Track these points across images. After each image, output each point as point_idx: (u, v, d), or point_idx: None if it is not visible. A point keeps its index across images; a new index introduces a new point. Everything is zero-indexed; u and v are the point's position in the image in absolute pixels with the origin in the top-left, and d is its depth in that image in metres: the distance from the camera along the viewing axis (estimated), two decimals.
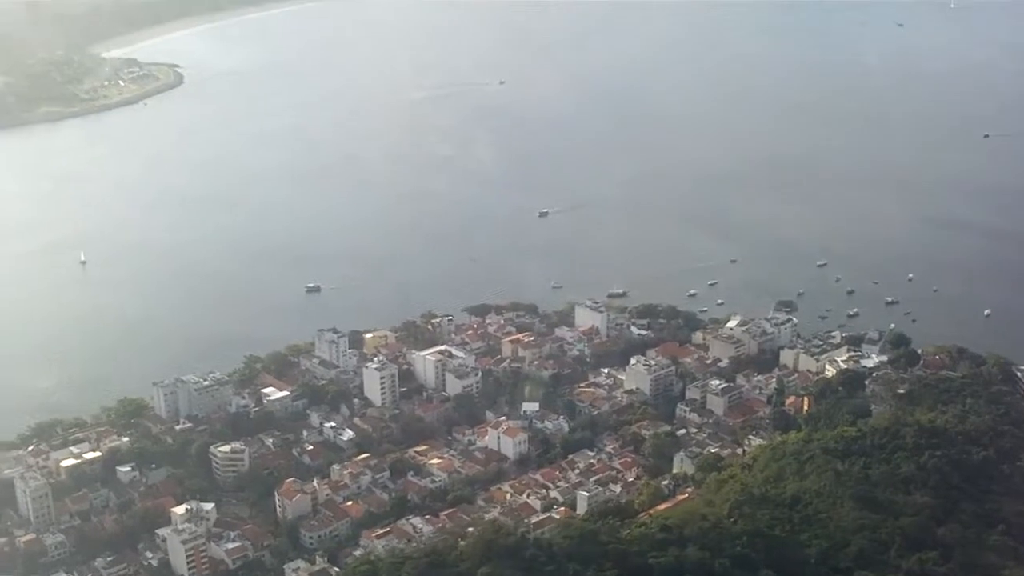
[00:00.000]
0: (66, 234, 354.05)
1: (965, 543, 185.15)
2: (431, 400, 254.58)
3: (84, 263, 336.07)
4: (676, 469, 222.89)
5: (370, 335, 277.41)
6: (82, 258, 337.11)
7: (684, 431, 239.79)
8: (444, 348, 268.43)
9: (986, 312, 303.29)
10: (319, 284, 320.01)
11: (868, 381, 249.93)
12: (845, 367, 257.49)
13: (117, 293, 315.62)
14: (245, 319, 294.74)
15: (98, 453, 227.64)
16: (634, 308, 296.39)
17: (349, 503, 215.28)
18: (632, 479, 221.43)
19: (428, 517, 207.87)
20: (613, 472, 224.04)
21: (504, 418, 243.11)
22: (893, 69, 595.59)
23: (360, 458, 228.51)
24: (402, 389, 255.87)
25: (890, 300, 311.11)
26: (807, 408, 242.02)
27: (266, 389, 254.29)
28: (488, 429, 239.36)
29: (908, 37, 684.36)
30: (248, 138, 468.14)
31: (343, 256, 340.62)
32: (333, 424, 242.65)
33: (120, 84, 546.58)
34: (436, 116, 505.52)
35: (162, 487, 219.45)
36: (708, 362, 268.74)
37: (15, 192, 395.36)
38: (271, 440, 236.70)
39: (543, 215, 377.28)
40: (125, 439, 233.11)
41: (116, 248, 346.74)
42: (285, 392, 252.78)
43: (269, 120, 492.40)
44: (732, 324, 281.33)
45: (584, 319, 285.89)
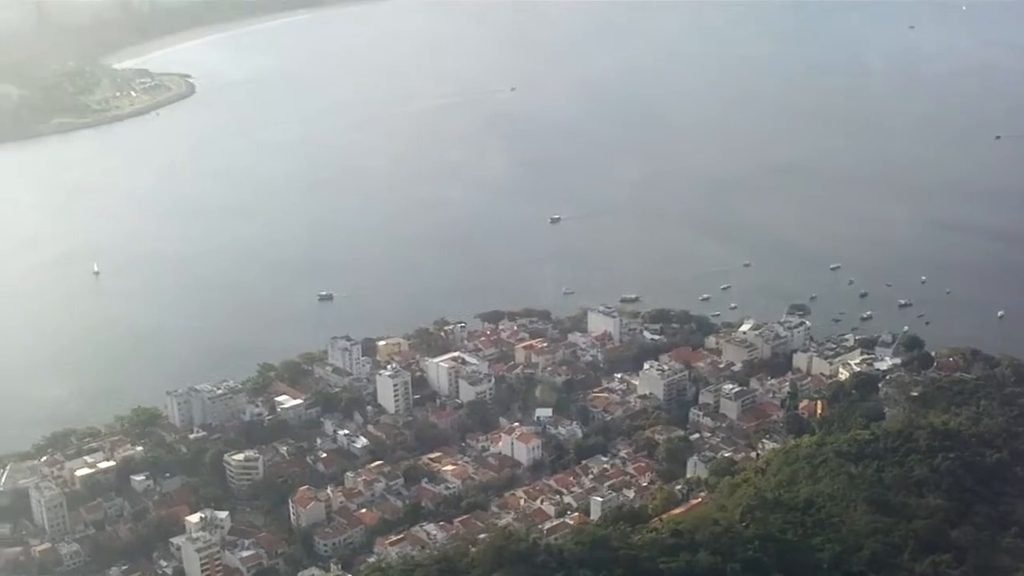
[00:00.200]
0: (79, 245, 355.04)
1: (979, 545, 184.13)
2: (444, 407, 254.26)
3: (97, 273, 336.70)
4: (690, 474, 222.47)
5: (383, 342, 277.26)
6: (95, 268, 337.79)
7: (697, 435, 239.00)
8: (457, 355, 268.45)
9: (999, 314, 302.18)
10: (331, 292, 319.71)
11: (881, 384, 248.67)
12: (858, 370, 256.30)
13: (130, 303, 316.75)
14: (258, 328, 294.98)
15: (112, 462, 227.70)
16: (647, 313, 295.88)
17: (363, 510, 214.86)
18: (646, 484, 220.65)
19: (442, 524, 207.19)
20: (627, 477, 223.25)
21: (517, 424, 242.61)
22: (905, 71, 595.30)
23: (374, 465, 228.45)
24: (415, 396, 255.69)
25: (903, 303, 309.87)
26: (820, 411, 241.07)
27: (280, 397, 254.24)
28: (502, 435, 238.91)
29: (920, 39, 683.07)
30: (260, 147, 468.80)
31: (355, 264, 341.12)
32: (347, 432, 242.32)
33: (132, 95, 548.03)
34: (447, 124, 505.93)
35: (176, 496, 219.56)
36: (721, 366, 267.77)
37: (29, 204, 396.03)
38: (285, 448, 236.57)
39: (555, 221, 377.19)
40: (139, 448, 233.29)
41: (129, 258, 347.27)
42: (299, 400, 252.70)
43: (281, 129, 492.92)
44: (745, 328, 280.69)
45: (597, 324, 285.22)
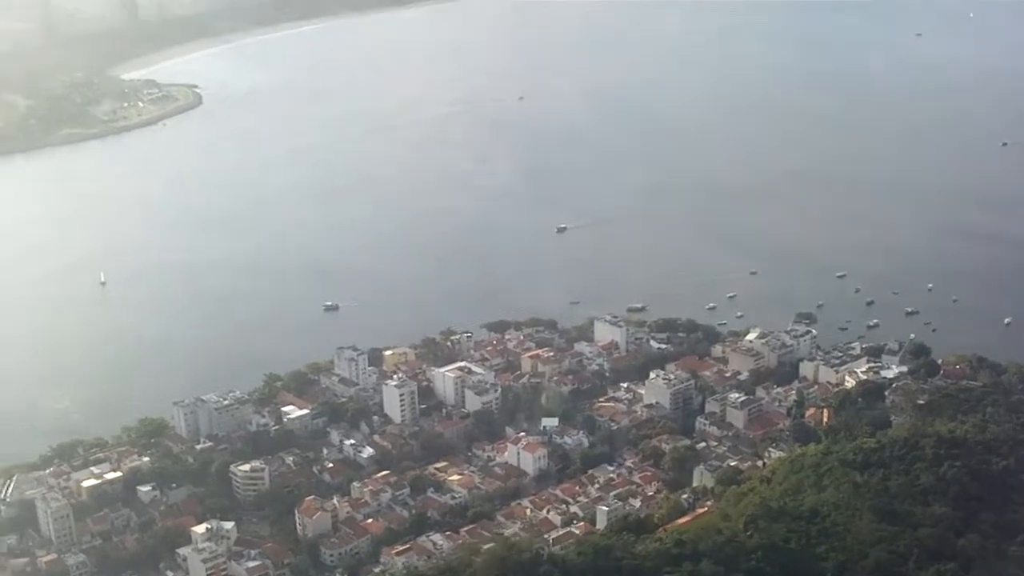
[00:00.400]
0: (86, 255, 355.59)
1: (984, 554, 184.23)
2: (451, 417, 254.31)
3: (104, 284, 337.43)
4: (696, 483, 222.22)
5: (389, 352, 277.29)
6: (102, 279, 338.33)
7: (704, 444, 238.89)
8: (463, 364, 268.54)
9: (1006, 321, 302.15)
10: (337, 303, 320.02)
11: (888, 392, 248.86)
12: (865, 378, 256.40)
13: (137, 313, 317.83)
14: (264, 338, 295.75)
15: (119, 473, 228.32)
16: (653, 322, 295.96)
17: (369, 520, 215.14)
18: (652, 493, 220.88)
19: (448, 533, 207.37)
20: (633, 486, 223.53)
21: (524, 434, 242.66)
22: (911, 78, 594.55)
23: (380, 475, 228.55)
24: (422, 406, 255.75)
25: (910, 310, 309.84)
26: (827, 420, 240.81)
27: (286, 407, 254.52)
28: (508, 445, 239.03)
29: (926, 46, 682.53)
30: (267, 157, 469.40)
31: (361, 274, 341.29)
32: (353, 442, 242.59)
33: (139, 105, 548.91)
34: (454, 133, 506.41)
35: (183, 506, 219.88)
36: (728, 375, 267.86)
37: (36, 214, 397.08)
38: (291, 458, 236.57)
39: (561, 230, 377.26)
40: (146, 459, 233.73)
41: (136, 268, 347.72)
42: (305, 410, 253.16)
43: (288, 139, 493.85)
44: (751, 337, 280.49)
45: (603, 334, 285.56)
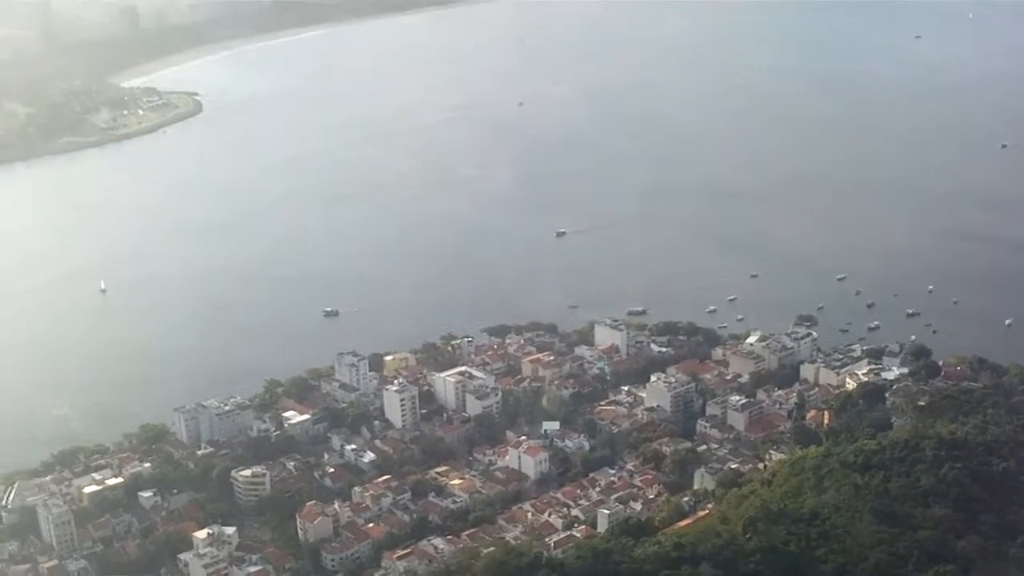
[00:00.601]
0: (86, 263, 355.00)
1: (984, 555, 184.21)
2: (451, 421, 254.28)
3: (104, 291, 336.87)
4: (696, 485, 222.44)
5: (390, 357, 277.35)
6: (102, 286, 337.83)
7: (705, 447, 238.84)
8: (464, 369, 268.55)
9: (1007, 322, 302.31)
10: (337, 308, 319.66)
11: (888, 394, 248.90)
12: (865, 380, 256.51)
13: (137, 320, 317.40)
14: (264, 344, 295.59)
15: (120, 479, 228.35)
16: (654, 326, 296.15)
17: (370, 525, 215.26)
18: (653, 496, 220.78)
19: (449, 538, 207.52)
20: (634, 489, 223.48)
21: (524, 437, 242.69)
22: (911, 80, 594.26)
23: (381, 480, 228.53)
24: (423, 411, 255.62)
25: (910, 312, 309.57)
26: (827, 422, 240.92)
27: (287, 413, 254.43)
28: (508, 449, 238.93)
29: (926, 48, 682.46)
30: (267, 164, 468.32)
31: (362, 279, 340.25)
32: (354, 447, 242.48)
33: (139, 113, 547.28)
34: (454, 138, 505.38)
35: (184, 512, 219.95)
36: (728, 378, 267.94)
37: (36, 222, 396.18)
38: (292, 463, 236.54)
39: (560, 235, 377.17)
40: (147, 465, 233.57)
41: (136, 276, 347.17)
42: (306, 416, 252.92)
43: (288, 146, 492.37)
44: (752, 340, 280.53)
45: (604, 337, 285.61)
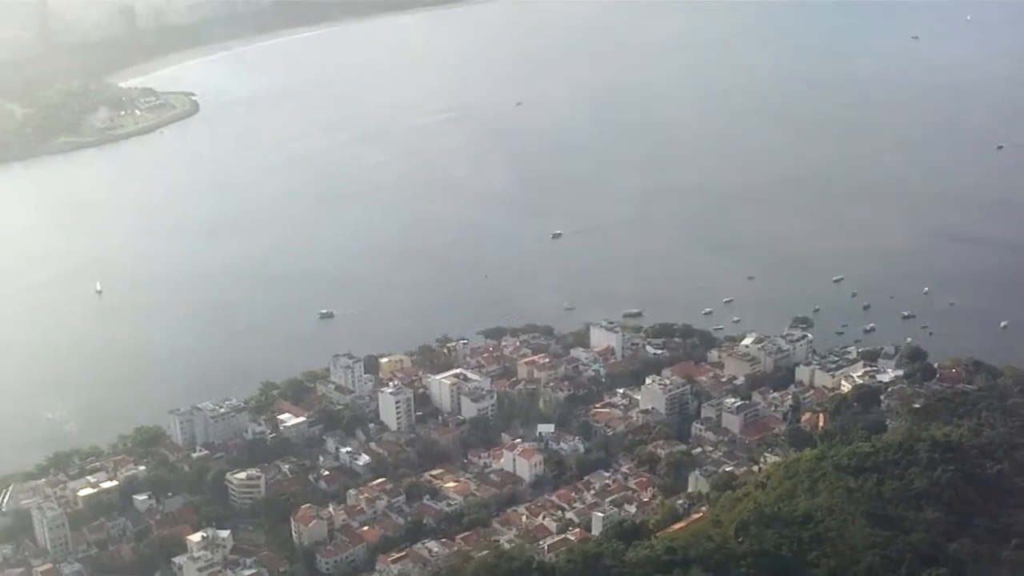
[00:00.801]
0: (82, 263, 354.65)
1: (977, 558, 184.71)
2: (447, 423, 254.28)
3: (100, 292, 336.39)
4: (691, 488, 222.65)
5: (386, 360, 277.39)
6: (98, 287, 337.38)
7: (700, 450, 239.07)
8: (459, 371, 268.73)
9: (1003, 324, 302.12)
10: (332, 310, 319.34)
11: (884, 396, 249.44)
12: (860, 382, 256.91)
13: (133, 322, 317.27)
14: (260, 346, 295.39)
15: (115, 482, 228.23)
16: (649, 328, 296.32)
17: (365, 528, 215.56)
18: (648, 499, 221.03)
19: (444, 541, 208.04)
20: (629, 492, 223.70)
21: (519, 440, 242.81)
22: (908, 82, 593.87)
23: (376, 483, 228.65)
24: (418, 413, 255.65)
25: (906, 314, 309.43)
26: (823, 424, 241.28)
27: (282, 415, 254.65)
28: (503, 451, 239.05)
29: (923, 49, 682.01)
30: (263, 165, 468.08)
31: (357, 281, 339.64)
32: (349, 449, 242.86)
33: (136, 113, 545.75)
34: (451, 139, 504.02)
35: (179, 515, 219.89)
36: (723, 380, 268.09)
37: (32, 223, 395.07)
38: (287, 466, 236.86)
39: (556, 236, 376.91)
40: (142, 468, 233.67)
41: (132, 277, 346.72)
42: (301, 418, 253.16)
43: (284, 147, 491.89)
44: (747, 342, 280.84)
45: (599, 339, 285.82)
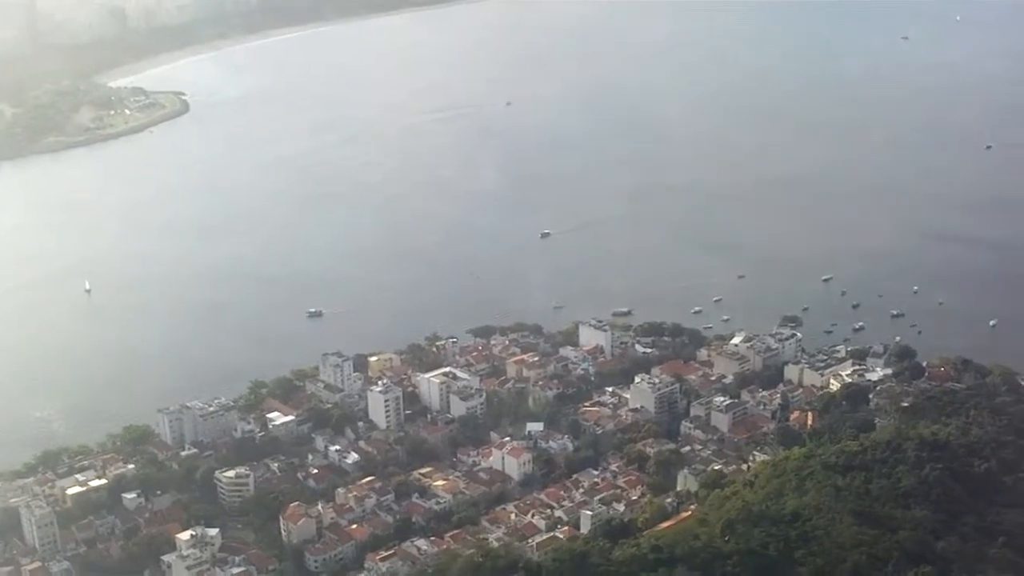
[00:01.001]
0: (71, 263, 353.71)
1: (964, 556, 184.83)
2: (436, 422, 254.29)
3: (89, 291, 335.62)
4: (680, 487, 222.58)
5: (375, 358, 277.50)
6: (87, 287, 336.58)
7: (688, 448, 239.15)
8: (448, 370, 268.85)
9: (991, 323, 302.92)
10: (321, 309, 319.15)
11: (872, 395, 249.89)
12: (849, 381, 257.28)
13: (121, 321, 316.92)
14: (249, 345, 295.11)
15: (104, 480, 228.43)
16: (638, 326, 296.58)
17: (354, 526, 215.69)
18: (636, 497, 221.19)
19: (433, 539, 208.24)
20: (617, 491, 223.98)
21: (508, 438, 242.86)
22: (897, 81, 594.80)
23: (365, 481, 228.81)
24: (407, 411, 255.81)
25: (895, 313, 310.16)
26: (811, 423, 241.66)
27: (271, 414, 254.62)
28: (493, 450, 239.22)
29: (913, 50, 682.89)
30: (253, 164, 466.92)
31: (346, 280, 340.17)
32: (338, 447, 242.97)
33: (126, 113, 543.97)
34: (441, 139, 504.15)
35: (167, 513, 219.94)
36: (712, 379, 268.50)
37: (21, 222, 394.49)
38: (276, 464, 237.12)
39: (545, 236, 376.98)
40: (131, 466, 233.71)
41: (121, 276, 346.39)
42: (290, 416, 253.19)
43: (274, 146, 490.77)
44: (736, 340, 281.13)
45: (588, 338, 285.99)
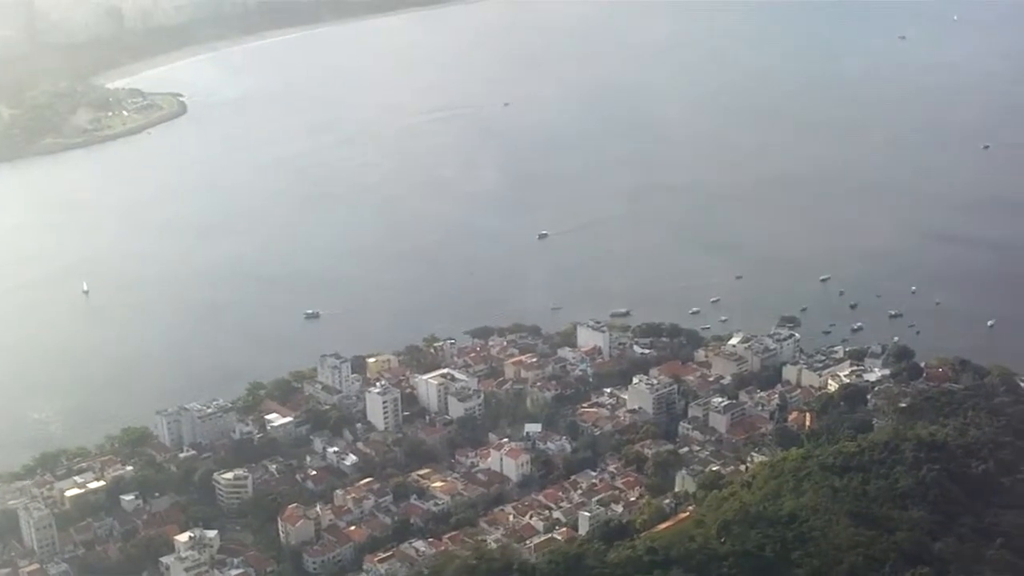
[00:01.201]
0: (69, 264, 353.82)
1: (962, 557, 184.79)
2: (434, 423, 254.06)
3: (87, 293, 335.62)
4: (678, 488, 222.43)
5: (373, 360, 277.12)
6: (85, 288, 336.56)
7: (686, 449, 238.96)
8: (446, 371, 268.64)
9: (989, 323, 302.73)
10: (318, 311, 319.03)
11: (870, 395, 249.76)
12: (847, 382, 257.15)
13: (120, 322, 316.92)
14: (247, 346, 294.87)
15: (102, 482, 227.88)
16: (637, 327, 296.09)
17: (352, 528, 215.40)
18: (634, 498, 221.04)
19: (431, 540, 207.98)
20: (615, 492, 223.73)
21: (507, 440, 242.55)
22: (894, 81, 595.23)
23: (363, 482, 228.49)
24: (405, 413, 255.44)
25: (893, 313, 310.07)
26: (809, 424, 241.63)
27: (269, 415, 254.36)
28: (491, 451, 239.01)
29: (910, 49, 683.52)
30: (250, 165, 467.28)
31: (344, 281, 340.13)
32: (336, 449, 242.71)
33: (124, 114, 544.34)
34: (439, 139, 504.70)
35: (166, 515, 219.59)
36: (710, 380, 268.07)
37: (19, 223, 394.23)
38: (274, 466, 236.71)
39: (543, 236, 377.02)
40: (129, 468, 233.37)
41: (119, 278, 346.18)
42: (288, 418, 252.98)
43: (272, 146, 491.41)
44: (734, 341, 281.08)
45: (586, 339, 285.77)
